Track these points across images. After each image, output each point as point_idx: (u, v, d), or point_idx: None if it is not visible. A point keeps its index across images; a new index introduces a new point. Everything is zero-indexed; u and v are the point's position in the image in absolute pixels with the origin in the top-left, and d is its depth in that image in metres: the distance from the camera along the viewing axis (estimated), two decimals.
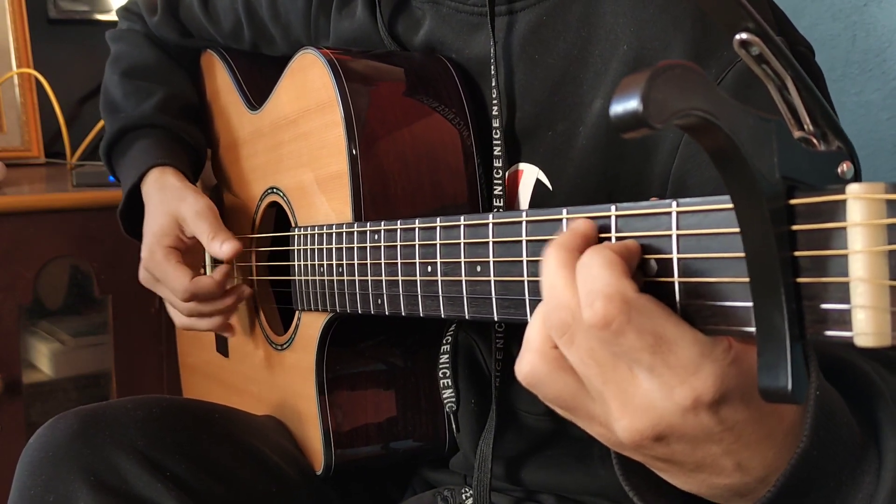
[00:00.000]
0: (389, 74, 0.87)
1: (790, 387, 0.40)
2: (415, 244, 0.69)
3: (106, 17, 1.94)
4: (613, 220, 0.49)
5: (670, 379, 0.43)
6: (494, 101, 0.79)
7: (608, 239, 0.49)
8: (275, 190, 1.00)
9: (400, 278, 0.71)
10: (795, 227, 0.40)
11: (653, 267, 0.46)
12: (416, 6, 0.90)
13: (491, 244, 0.59)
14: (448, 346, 0.86)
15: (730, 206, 0.41)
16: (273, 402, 1.03)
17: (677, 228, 0.45)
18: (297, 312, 0.95)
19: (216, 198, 1.18)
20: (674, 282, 0.45)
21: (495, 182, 0.80)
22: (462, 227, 0.63)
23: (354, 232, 0.78)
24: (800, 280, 0.40)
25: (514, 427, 0.86)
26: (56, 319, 1.74)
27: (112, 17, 1.91)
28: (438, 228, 0.66)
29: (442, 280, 0.66)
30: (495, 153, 0.80)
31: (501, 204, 0.79)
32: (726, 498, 0.49)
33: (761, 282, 0.40)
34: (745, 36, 0.41)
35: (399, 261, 0.71)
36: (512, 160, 0.81)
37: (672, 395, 0.43)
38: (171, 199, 1.04)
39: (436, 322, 0.82)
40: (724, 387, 0.43)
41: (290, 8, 1.02)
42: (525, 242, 0.56)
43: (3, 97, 1.78)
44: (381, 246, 0.74)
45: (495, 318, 0.60)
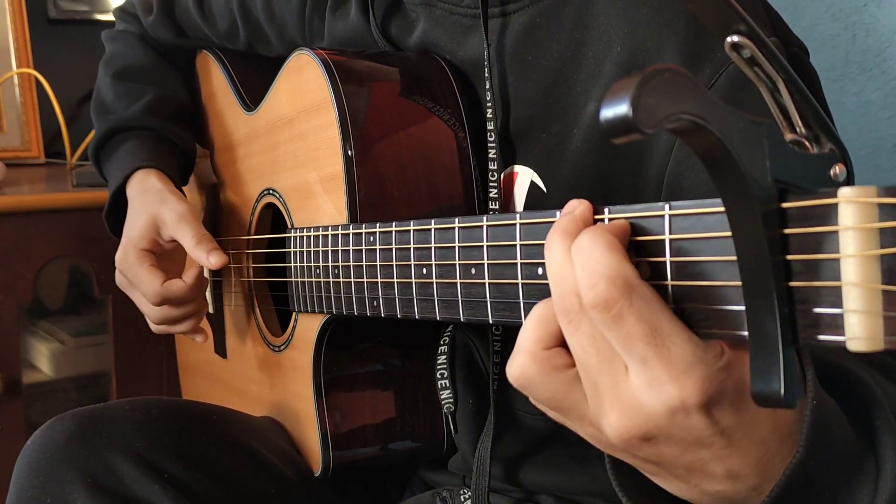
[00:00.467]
0: (384, 75, 0.86)
1: (782, 391, 0.39)
2: (410, 246, 0.69)
3: (106, 17, 1.94)
4: (606, 222, 0.48)
5: (661, 374, 0.43)
6: (489, 104, 0.79)
7: None
8: (271, 191, 1.00)
9: (395, 280, 0.71)
10: (788, 231, 0.40)
11: (645, 270, 0.46)
12: (410, 8, 0.90)
13: (485, 247, 0.59)
14: (446, 346, 0.85)
15: (722, 209, 0.41)
16: (271, 404, 1.03)
17: (670, 232, 0.45)
18: (294, 314, 0.95)
19: (213, 199, 1.18)
20: (667, 285, 0.45)
21: (490, 184, 0.79)
22: (456, 230, 0.62)
23: (350, 234, 0.78)
24: (792, 284, 0.40)
25: (512, 428, 0.85)
26: (56, 319, 1.74)
27: (112, 17, 1.90)
28: (433, 230, 0.66)
29: (437, 282, 0.65)
30: (490, 155, 0.80)
31: (497, 206, 0.79)
32: None
33: (754, 285, 0.40)
34: (736, 38, 0.41)
35: (394, 263, 0.71)
36: (507, 162, 0.80)
37: (661, 392, 0.43)
38: (152, 201, 1.04)
39: (433, 323, 0.81)
40: (714, 390, 0.43)
41: (284, 9, 1.02)
42: (519, 246, 0.56)
43: (3, 97, 1.78)
44: (376, 248, 0.74)
45: (490, 321, 0.60)
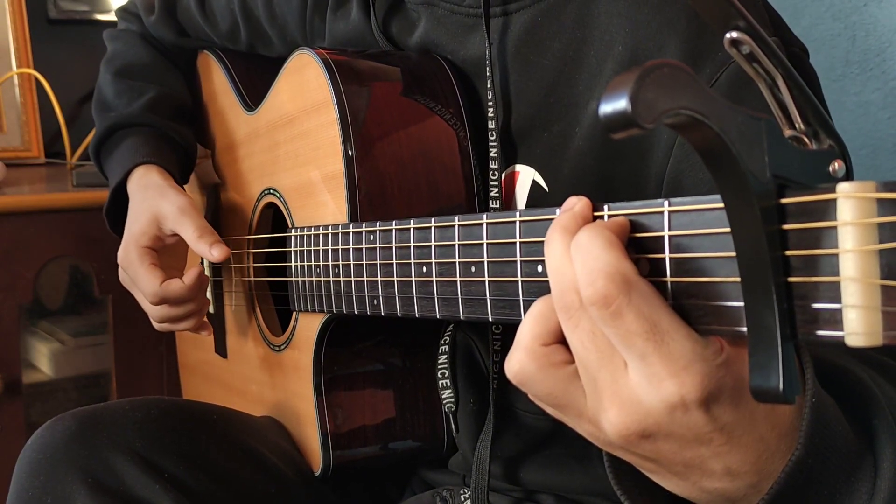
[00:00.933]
0: (385, 74, 0.86)
1: (781, 387, 0.39)
2: (410, 245, 0.69)
3: (106, 17, 1.95)
4: (606, 219, 0.49)
5: (660, 370, 0.43)
6: (490, 103, 0.79)
7: None
8: (271, 191, 1.00)
9: (395, 279, 0.71)
10: (786, 227, 0.40)
11: (645, 266, 0.46)
12: (411, 8, 0.90)
13: (485, 245, 0.59)
14: (446, 346, 0.85)
15: (721, 205, 0.41)
16: (272, 403, 1.03)
17: (669, 228, 0.45)
18: (295, 313, 0.95)
19: (214, 199, 1.18)
20: (666, 281, 0.45)
21: (492, 183, 0.79)
22: (456, 227, 0.63)
23: (350, 233, 0.78)
24: (791, 279, 0.40)
25: (513, 427, 0.85)
26: (56, 319, 1.74)
27: (112, 17, 1.91)
28: (433, 229, 0.66)
29: (437, 281, 0.65)
30: (491, 154, 0.80)
31: (498, 206, 0.79)
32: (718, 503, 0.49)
33: (752, 281, 0.40)
34: (735, 35, 0.41)
35: (394, 261, 0.71)
36: (508, 161, 0.81)
37: (660, 388, 0.43)
38: (153, 196, 1.03)
39: (434, 322, 0.81)
40: (713, 387, 0.43)
41: (285, 9, 1.02)
42: (519, 243, 0.56)
43: (3, 97, 1.78)
44: (376, 247, 0.74)
45: (490, 319, 0.60)
